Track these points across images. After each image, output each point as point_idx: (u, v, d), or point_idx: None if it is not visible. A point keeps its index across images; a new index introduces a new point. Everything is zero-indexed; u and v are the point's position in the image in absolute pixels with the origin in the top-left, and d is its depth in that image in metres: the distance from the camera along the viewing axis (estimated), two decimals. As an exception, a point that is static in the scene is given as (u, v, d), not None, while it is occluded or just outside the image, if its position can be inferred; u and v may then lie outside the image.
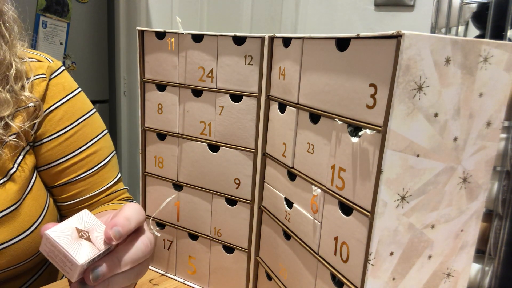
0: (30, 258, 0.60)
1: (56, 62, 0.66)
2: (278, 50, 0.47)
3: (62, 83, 0.64)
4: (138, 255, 0.42)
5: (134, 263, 0.42)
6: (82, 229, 0.40)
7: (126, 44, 2.08)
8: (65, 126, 0.63)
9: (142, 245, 0.43)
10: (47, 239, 0.38)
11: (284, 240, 0.47)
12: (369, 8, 1.52)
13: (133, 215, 0.42)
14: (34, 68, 0.62)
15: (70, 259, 0.37)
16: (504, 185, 0.52)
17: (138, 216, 0.43)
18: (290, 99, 0.44)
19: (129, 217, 0.41)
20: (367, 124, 0.34)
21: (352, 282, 0.36)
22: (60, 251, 0.37)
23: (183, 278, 0.61)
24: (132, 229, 0.41)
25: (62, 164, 0.63)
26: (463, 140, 0.35)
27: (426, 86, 0.32)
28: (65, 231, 0.39)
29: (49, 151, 0.62)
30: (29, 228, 0.58)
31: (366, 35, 0.33)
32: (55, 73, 0.64)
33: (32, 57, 0.63)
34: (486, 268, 0.54)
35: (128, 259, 0.41)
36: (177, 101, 0.55)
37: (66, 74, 0.66)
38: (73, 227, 0.39)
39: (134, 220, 0.42)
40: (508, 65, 0.36)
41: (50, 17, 1.84)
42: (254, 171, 0.52)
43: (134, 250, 0.42)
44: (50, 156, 0.62)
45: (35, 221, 0.59)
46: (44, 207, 0.61)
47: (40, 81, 0.61)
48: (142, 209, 0.44)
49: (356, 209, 0.35)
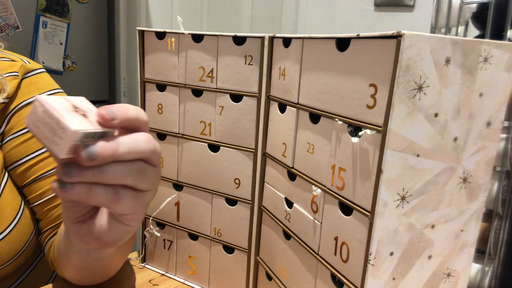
0: (7, 263, 0.58)
1: (33, 64, 0.63)
2: (278, 50, 0.47)
3: (36, 82, 0.62)
4: (139, 144, 0.36)
5: (133, 151, 0.36)
6: (78, 107, 0.34)
7: (126, 44, 2.08)
8: None
9: (143, 136, 0.37)
10: (38, 103, 0.32)
11: (284, 240, 0.47)
12: (369, 8, 1.52)
13: (132, 107, 0.37)
14: (4, 67, 0.59)
15: (63, 125, 0.31)
16: (504, 185, 0.52)
17: (138, 111, 0.37)
18: (290, 99, 0.44)
19: (126, 106, 0.36)
20: (367, 124, 0.34)
21: (352, 282, 0.36)
22: (52, 116, 0.32)
23: (183, 278, 0.61)
24: (129, 116, 0.36)
25: (29, 161, 0.59)
26: (463, 140, 0.35)
27: (426, 86, 0.32)
28: (61, 101, 0.33)
29: (14, 148, 0.59)
30: (3, 231, 0.56)
31: (366, 35, 0.33)
32: (30, 73, 0.62)
33: (6, 57, 0.61)
34: (486, 268, 0.54)
35: (126, 144, 0.35)
36: (177, 101, 0.55)
37: (44, 75, 0.64)
38: (69, 103, 0.34)
39: (133, 110, 0.36)
40: (508, 65, 0.36)
41: (50, 17, 1.84)
42: (254, 171, 0.52)
43: (135, 137, 0.36)
44: (16, 154, 0.59)
45: (10, 223, 0.57)
46: (19, 210, 0.59)
47: (11, 79, 0.59)
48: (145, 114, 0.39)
49: (356, 209, 0.35)
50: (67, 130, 0.31)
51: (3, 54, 0.62)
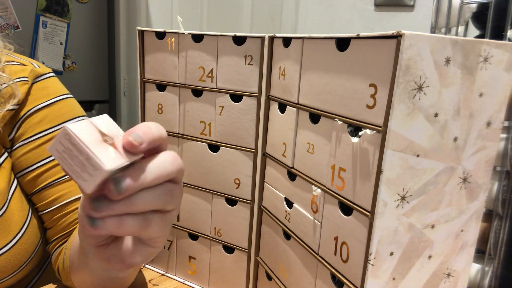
0: (14, 273, 0.57)
1: (43, 68, 0.63)
2: (278, 50, 0.47)
3: (47, 87, 0.61)
4: (166, 166, 0.35)
5: (162, 176, 0.35)
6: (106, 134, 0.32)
7: (126, 44, 2.08)
8: (44, 129, 0.59)
9: (169, 156, 0.35)
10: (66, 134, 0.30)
11: (284, 240, 0.47)
12: (369, 8, 1.52)
13: (153, 125, 0.35)
14: (15, 71, 0.59)
15: (94, 163, 0.29)
16: (504, 185, 0.52)
17: (159, 128, 0.35)
18: (290, 99, 0.44)
19: (149, 125, 0.34)
20: (367, 124, 0.34)
21: (352, 282, 0.36)
22: (82, 151, 0.29)
23: (183, 278, 0.61)
24: (154, 137, 0.34)
25: (39, 168, 0.58)
26: (463, 140, 0.35)
27: (426, 86, 0.32)
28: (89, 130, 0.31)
29: (25, 155, 0.58)
30: (10, 241, 0.55)
31: (366, 35, 0.33)
32: (40, 78, 0.61)
33: (16, 61, 0.61)
34: (486, 268, 0.54)
35: (155, 169, 0.34)
36: (177, 101, 0.55)
37: (54, 80, 0.63)
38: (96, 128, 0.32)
39: (155, 129, 0.34)
40: (508, 65, 0.36)
41: (50, 17, 1.84)
42: (254, 171, 0.52)
43: (162, 160, 0.35)
44: (26, 160, 0.58)
45: (17, 233, 0.56)
46: (26, 219, 0.58)
47: (21, 84, 0.58)
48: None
49: (356, 209, 0.35)
50: (99, 169, 0.29)
51: (13, 57, 0.61)
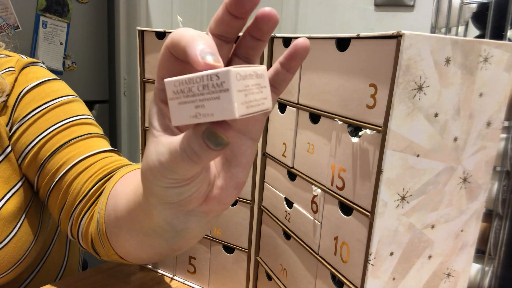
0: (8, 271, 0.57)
1: (30, 59, 0.63)
2: (278, 50, 0.47)
3: (36, 71, 0.61)
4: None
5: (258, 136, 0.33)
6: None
7: (126, 44, 2.08)
8: (37, 106, 0.57)
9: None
10: (167, 85, 0.26)
11: (284, 240, 0.47)
12: (369, 8, 1.52)
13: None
14: (1, 63, 0.59)
15: (216, 72, 0.23)
16: (504, 185, 0.52)
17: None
18: (290, 99, 0.44)
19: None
20: (367, 124, 0.34)
21: (352, 282, 0.36)
22: (197, 77, 0.24)
23: (183, 278, 0.61)
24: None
25: (42, 139, 0.56)
26: (463, 140, 0.35)
27: (426, 86, 0.32)
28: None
29: (24, 133, 0.56)
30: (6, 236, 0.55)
31: (366, 35, 0.33)
32: (27, 66, 0.61)
33: (2, 53, 0.61)
34: (486, 268, 0.54)
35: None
36: (177, 101, 0.55)
37: (42, 67, 0.63)
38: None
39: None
40: (508, 65, 0.36)
41: (50, 17, 1.84)
42: (254, 171, 0.52)
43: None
44: (28, 137, 0.56)
45: (13, 228, 0.55)
46: (22, 216, 0.57)
47: (8, 74, 0.58)
48: None
49: (356, 209, 0.35)
50: (224, 73, 0.23)
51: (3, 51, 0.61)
